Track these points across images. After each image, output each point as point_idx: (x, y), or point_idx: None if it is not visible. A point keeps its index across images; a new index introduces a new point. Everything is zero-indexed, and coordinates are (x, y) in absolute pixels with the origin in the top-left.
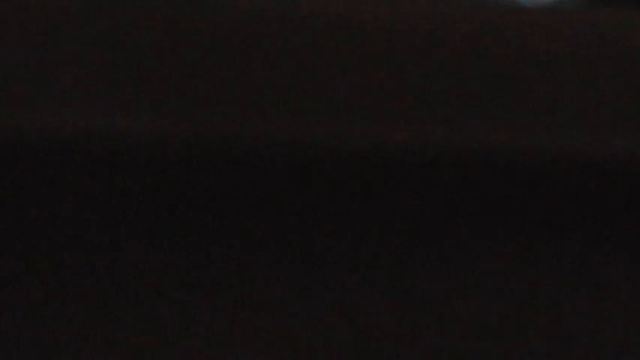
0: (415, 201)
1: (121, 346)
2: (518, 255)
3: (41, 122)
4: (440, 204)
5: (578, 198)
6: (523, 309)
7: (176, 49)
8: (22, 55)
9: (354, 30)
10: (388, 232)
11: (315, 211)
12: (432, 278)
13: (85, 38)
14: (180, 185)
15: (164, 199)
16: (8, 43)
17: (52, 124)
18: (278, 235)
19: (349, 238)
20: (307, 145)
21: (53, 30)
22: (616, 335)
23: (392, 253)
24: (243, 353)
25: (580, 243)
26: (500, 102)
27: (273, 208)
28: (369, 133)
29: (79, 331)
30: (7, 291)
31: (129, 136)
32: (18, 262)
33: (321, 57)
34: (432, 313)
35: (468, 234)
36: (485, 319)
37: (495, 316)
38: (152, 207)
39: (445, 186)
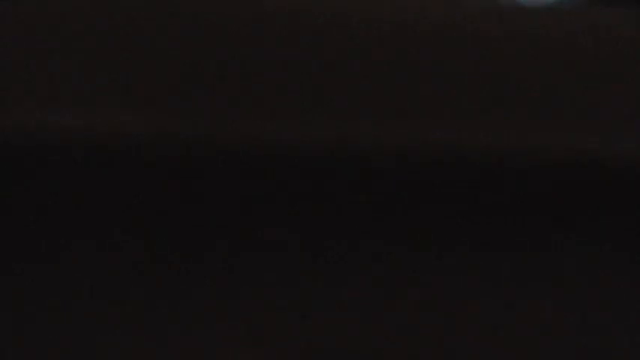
0: (416, 201)
1: (121, 346)
2: (519, 254)
3: (41, 122)
4: (440, 204)
5: (578, 198)
6: (523, 309)
7: (177, 49)
8: (22, 55)
9: (353, 30)
10: (389, 232)
11: (315, 211)
12: (432, 278)
13: (85, 38)
14: (181, 184)
15: (165, 199)
16: (8, 43)
17: (52, 124)
18: (278, 234)
19: (350, 238)
20: (308, 145)
21: (53, 30)
22: (616, 335)
23: (392, 253)
24: (243, 353)
25: (580, 242)
26: (500, 102)
27: (273, 208)
28: (370, 134)
29: (79, 331)
30: (6, 291)
31: (129, 135)
32: (18, 261)
33: (322, 56)
34: (433, 314)
35: (468, 234)
36: (485, 319)
37: (496, 316)
38: (153, 206)
39: (446, 186)
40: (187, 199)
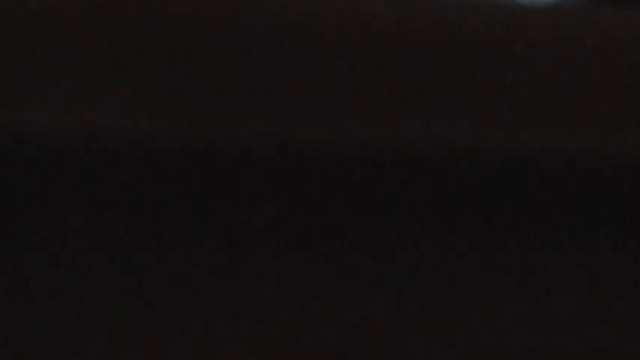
0: (415, 201)
1: (120, 346)
2: (518, 254)
3: (41, 122)
4: (440, 204)
5: (577, 198)
6: (522, 309)
7: (176, 49)
8: (22, 55)
9: (353, 29)
10: (389, 232)
11: (314, 211)
12: (432, 278)
13: (85, 38)
14: (181, 184)
15: (164, 199)
16: (8, 43)
17: (52, 124)
18: (278, 235)
19: (350, 238)
20: (306, 145)
21: (53, 29)
22: (615, 335)
23: (393, 253)
24: (243, 353)
25: (580, 242)
26: (500, 102)
27: (272, 208)
28: (369, 134)
29: (78, 330)
30: (6, 291)
31: (129, 135)
32: (18, 261)
33: (320, 57)
34: (433, 314)
35: (467, 234)
36: (484, 319)
37: (495, 317)
38: (152, 206)
39: (446, 186)
40: (187, 199)
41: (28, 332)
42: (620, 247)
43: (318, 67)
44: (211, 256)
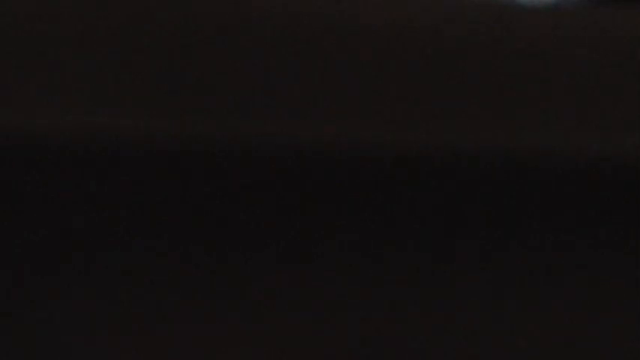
0: (416, 201)
1: (120, 346)
2: (518, 254)
3: (41, 122)
4: (440, 204)
5: (578, 198)
6: (522, 309)
7: (176, 49)
8: (22, 55)
9: (353, 29)
10: (388, 232)
11: (314, 211)
12: (432, 278)
13: (85, 38)
14: (180, 185)
15: (164, 199)
16: (8, 43)
17: (52, 124)
18: (278, 235)
19: (349, 238)
20: (306, 145)
21: (53, 30)
22: (615, 335)
23: (393, 253)
24: (243, 353)
25: (580, 242)
26: (500, 102)
27: (272, 208)
28: (369, 134)
29: (79, 330)
30: (6, 291)
31: (129, 135)
32: (18, 261)
33: (320, 57)
34: (434, 314)
35: (468, 234)
36: (484, 319)
37: (495, 317)
38: (152, 206)
39: (446, 186)
40: (187, 199)
41: (28, 332)
42: (620, 247)
43: (318, 67)
44: (211, 256)
